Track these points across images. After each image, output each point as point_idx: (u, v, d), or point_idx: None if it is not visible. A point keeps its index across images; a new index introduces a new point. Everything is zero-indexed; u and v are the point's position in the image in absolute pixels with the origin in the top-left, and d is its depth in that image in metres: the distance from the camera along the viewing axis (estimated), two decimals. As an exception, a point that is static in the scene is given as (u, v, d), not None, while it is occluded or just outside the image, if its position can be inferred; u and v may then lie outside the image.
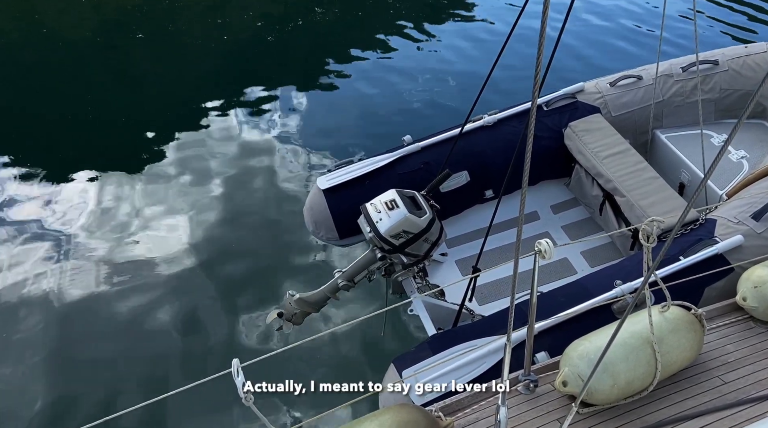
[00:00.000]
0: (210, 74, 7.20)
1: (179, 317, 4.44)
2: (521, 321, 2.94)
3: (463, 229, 4.19)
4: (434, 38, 7.86)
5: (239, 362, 1.79)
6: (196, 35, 7.89)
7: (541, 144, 4.13)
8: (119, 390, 4.01)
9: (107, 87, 6.91)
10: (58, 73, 7.14)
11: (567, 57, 7.10)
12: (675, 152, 4.23)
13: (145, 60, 7.42)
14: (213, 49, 7.65)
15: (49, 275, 4.77)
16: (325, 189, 3.82)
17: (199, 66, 7.35)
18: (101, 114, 6.49)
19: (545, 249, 1.87)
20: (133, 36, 7.80)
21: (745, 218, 3.24)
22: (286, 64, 7.34)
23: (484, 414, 2.44)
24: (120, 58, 7.44)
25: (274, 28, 8.04)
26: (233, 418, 3.81)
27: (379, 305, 4.30)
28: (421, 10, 8.55)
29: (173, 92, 6.95)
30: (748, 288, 2.77)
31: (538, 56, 1.46)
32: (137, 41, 7.72)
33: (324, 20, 8.26)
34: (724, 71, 4.33)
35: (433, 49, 7.63)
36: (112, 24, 8.09)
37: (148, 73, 7.20)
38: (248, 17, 8.24)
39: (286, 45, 7.70)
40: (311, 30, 8.03)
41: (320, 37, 7.89)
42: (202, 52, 7.61)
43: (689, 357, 2.48)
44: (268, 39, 7.79)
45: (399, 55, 7.49)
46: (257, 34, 7.91)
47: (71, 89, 6.87)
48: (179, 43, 7.78)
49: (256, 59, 7.48)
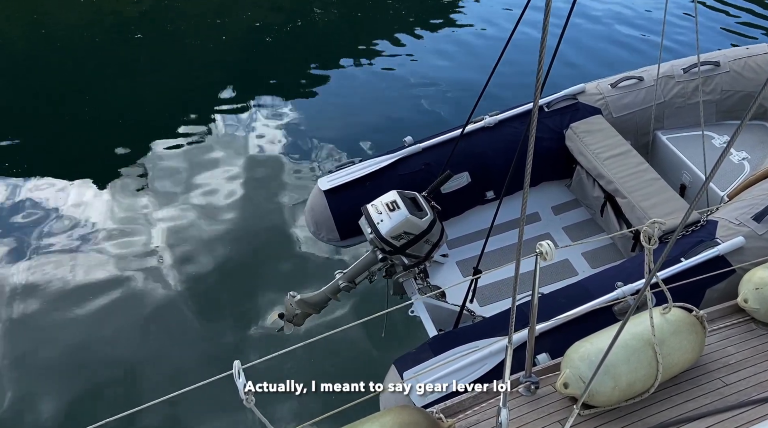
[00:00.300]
0: (208, 75, 7.20)
1: (179, 319, 4.43)
2: (522, 323, 2.93)
3: (464, 230, 4.18)
4: (435, 40, 7.86)
5: (240, 363, 1.79)
6: (195, 36, 7.89)
7: (542, 145, 4.13)
8: (118, 392, 4.00)
9: (105, 87, 6.91)
10: (57, 73, 7.14)
11: (566, 59, 7.11)
12: (676, 153, 4.22)
13: (144, 60, 7.42)
14: (212, 49, 7.65)
15: (49, 275, 4.77)
16: (326, 190, 3.81)
17: (198, 67, 7.35)
18: (100, 114, 6.49)
19: (546, 251, 1.87)
20: (131, 36, 7.81)
21: (747, 220, 3.23)
22: (286, 65, 7.34)
23: (485, 415, 2.44)
24: (119, 58, 7.44)
25: (273, 29, 8.04)
26: (235, 420, 3.80)
27: (380, 307, 4.28)
28: (422, 11, 8.55)
29: (172, 93, 6.95)
30: (750, 290, 2.77)
31: (540, 58, 1.46)
32: (137, 41, 7.73)
33: (323, 21, 8.26)
34: (726, 73, 4.33)
35: (434, 50, 7.63)
36: (110, 25, 8.09)
37: (147, 73, 7.20)
38: (247, 18, 8.24)
39: (285, 46, 7.70)
40: (310, 31, 8.03)
41: (320, 38, 7.89)
42: (200, 52, 7.61)
43: (691, 359, 2.48)
44: (267, 40, 7.79)
45: (400, 56, 7.49)
46: (256, 35, 7.91)
47: (69, 89, 6.87)
48: (178, 43, 7.78)
49: (255, 60, 7.48)
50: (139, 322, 4.42)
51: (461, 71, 7.16)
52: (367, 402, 2.29)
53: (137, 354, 4.22)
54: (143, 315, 4.46)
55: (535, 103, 1.57)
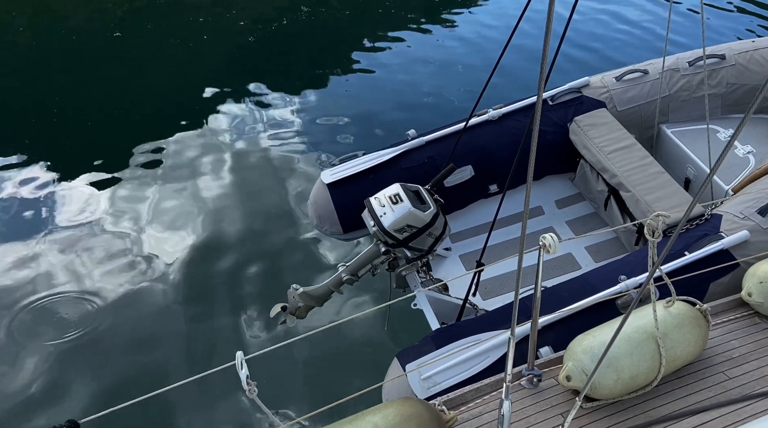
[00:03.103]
0: (210, 71, 7.19)
1: (183, 311, 4.45)
2: (525, 316, 2.94)
3: (467, 223, 4.18)
4: (438, 32, 7.83)
5: (243, 354, 1.80)
6: (196, 32, 7.88)
7: (546, 139, 4.12)
8: (122, 382, 4.03)
9: (105, 83, 6.91)
10: (56, 71, 7.14)
11: (571, 51, 7.08)
12: (681, 147, 4.21)
13: (143, 55, 7.42)
14: (212, 45, 7.64)
15: (52, 272, 4.79)
16: (329, 183, 3.82)
17: (199, 63, 7.34)
18: (104, 108, 6.50)
19: (550, 244, 1.87)
20: (135, 29, 7.80)
21: (751, 214, 3.22)
22: (289, 60, 7.32)
23: (488, 408, 2.44)
24: (119, 52, 7.44)
25: (275, 24, 8.02)
26: (237, 410, 3.82)
27: (383, 300, 4.30)
28: (427, 3, 8.51)
29: (172, 89, 6.94)
30: (754, 284, 2.76)
31: (544, 50, 1.45)
32: (139, 33, 7.72)
33: (326, 15, 8.23)
34: (731, 66, 4.30)
35: (438, 43, 7.60)
36: (117, 17, 8.09)
37: (147, 69, 7.20)
38: (248, 14, 8.22)
39: (288, 41, 7.69)
40: (315, 25, 8.00)
41: (324, 33, 7.87)
42: (202, 48, 7.60)
43: (694, 353, 2.48)
44: (270, 35, 7.77)
45: (402, 49, 7.47)
46: (259, 31, 7.89)
47: (69, 84, 6.88)
48: (179, 39, 7.77)
49: (258, 55, 7.46)
50: (139, 314, 4.44)
51: (465, 64, 7.13)
52: (370, 394, 2.30)
53: (137, 345, 4.24)
54: (144, 307, 4.48)
55: (539, 97, 1.56)
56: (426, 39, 7.70)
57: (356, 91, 6.79)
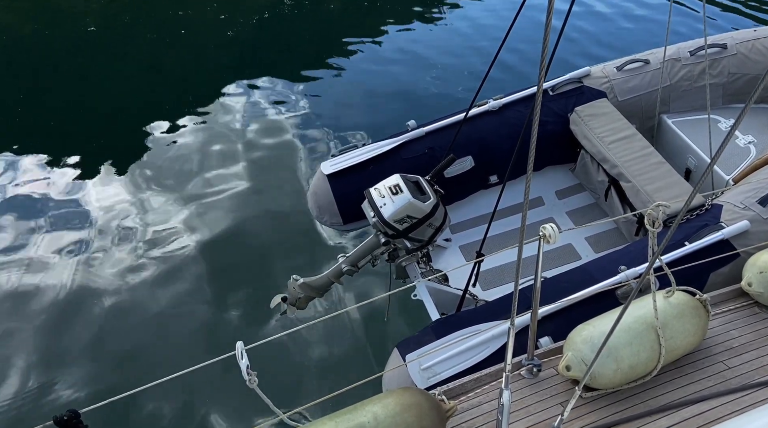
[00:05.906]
0: (212, 63, 7.16)
1: (183, 302, 4.46)
2: (525, 306, 2.94)
3: (467, 214, 4.18)
4: (439, 21, 7.78)
5: (243, 345, 1.80)
6: (199, 23, 7.84)
7: (546, 129, 4.10)
8: (122, 373, 4.04)
9: (105, 75, 6.88)
10: (55, 68, 7.11)
11: (571, 43, 7.04)
12: (682, 137, 4.19)
13: (146, 47, 7.38)
14: (213, 38, 7.60)
15: (56, 266, 4.80)
16: (329, 174, 3.81)
17: (202, 56, 7.31)
18: (106, 100, 6.48)
19: (550, 234, 1.86)
20: (135, 23, 7.76)
21: (752, 204, 3.22)
22: (289, 52, 7.29)
23: (488, 397, 2.45)
24: (119, 46, 7.40)
25: (277, 16, 7.97)
26: (238, 401, 3.84)
27: (383, 290, 4.31)
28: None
29: (173, 82, 6.92)
30: (754, 274, 2.76)
31: (545, 40, 1.44)
32: (139, 27, 7.68)
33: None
34: (733, 55, 4.28)
35: (437, 34, 7.56)
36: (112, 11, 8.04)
37: (147, 63, 7.17)
38: (250, 7, 8.17)
39: (291, 32, 7.64)
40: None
41: (323, 24, 7.83)
42: (204, 40, 7.56)
43: (693, 343, 2.48)
44: (270, 27, 7.73)
45: (404, 38, 7.43)
46: (261, 24, 7.85)
47: (67, 79, 6.85)
48: (180, 34, 7.73)
49: (259, 48, 7.42)
50: (140, 305, 4.45)
51: (466, 55, 7.10)
52: (370, 384, 2.31)
53: (138, 335, 4.26)
54: (143, 300, 4.49)
55: (540, 87, 1.55)
56: (430, 27, 7.66)
57: (355, 83, 6.76)
